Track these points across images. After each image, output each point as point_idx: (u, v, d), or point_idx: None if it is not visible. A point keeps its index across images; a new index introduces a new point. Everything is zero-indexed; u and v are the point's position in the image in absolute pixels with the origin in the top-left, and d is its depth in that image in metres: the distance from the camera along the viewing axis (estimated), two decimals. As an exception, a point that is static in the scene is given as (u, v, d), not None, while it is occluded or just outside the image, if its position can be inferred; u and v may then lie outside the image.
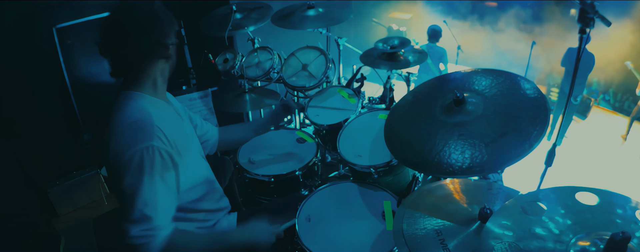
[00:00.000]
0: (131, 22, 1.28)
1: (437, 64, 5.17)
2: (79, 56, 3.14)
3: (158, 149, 1.24)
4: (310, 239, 1.61)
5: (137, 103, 1.32)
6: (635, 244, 0.93)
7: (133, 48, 1.29)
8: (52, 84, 3.10)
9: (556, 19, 6.44)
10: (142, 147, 1.21)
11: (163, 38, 1.33)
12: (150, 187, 1.21)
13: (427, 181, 1.95)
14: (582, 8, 1.34)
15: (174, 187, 1.32)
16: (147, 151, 1.21)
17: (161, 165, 1.24)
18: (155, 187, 1.22)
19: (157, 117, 1.31)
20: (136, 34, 1.29)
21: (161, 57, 1.36)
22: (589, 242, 0.97)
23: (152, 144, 1.23)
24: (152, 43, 1.31)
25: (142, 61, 1.33)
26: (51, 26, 2.94)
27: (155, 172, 1.23)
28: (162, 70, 1.40)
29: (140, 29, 1.29)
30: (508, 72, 1.58)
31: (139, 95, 1.34)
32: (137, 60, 1.32)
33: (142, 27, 1.29)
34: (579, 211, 1.06)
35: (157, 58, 1.35)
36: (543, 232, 1.02)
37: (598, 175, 4.70)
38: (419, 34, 6.54)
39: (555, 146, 1.56)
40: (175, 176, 1.33)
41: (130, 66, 1.34)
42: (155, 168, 1.23)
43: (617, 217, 1.03)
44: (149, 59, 1.34)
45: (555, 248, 0.97)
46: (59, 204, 3.19)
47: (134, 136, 1.23)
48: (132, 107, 1.31)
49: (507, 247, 1.00)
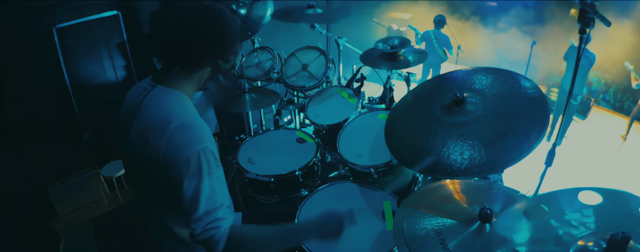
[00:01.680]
0: (228, 25, 1.31)
1: (442, 47, 6.05)
2: (79, 56, 3.14)
3: (210, 150, 1.27)
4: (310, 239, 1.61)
5: (181, 103, 1.32)
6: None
7: (211, 47, 1.30)
8: (52, 84, 3.10)
9: (556, 19, 6.44)
10: (199, 149, 1.23)
11: (231, 54, 1.37)
12: (209, 185, 1.26)
13: (427, 180, 1.95)
14: (582, 8, 1.34)
15: (224, 179, 1.35)
16: (204, 152, 1.24)
17: (214, 164, 1.28)
18: (213, 184, 1.27)
19: (200, 119, 1.33)
20: (224, 37, 1.31)
21: (213, 68, 1.38)
22: (590, 242, 0.97)
23: (206, 146, 1.25)
24: (224, 53, 1.34)
25: (202, 61, 1.34)
26: (51, 26, 2.94)
27: (211, 171, 1.26)
28: (202, 78, 1.41)
29: (229, 36, 1.32)
30: (509, 71, 1.58)
31: (180, 95, 1.34)
32: (202, 58, 1.33)
33: (232, 35, 1.33)
34: (581, 210, 1.06)
35: (211, 66, 1.37)
36: (544, 232, 1.02)
37: (598, 175, 4.70)
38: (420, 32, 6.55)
39: (555, 146, 1.56)
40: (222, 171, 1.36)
41: (190, 60, 1.33)
42: (211, 167, 1.26)
43: (620, 218, 1.03)
44: (208, 64, 1.35)
45: (555, 247, 0.97)
46: (59, 204, 3.19)
47: (189, 138, 1.25)
48: (178, 107, 1.31)
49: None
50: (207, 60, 1.34)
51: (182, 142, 1.24)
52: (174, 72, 1.35)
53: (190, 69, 1.35)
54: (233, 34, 1.34)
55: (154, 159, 1.27)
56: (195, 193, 1.25)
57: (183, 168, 1.23)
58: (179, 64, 1.34)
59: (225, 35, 1.32)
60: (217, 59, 1.34)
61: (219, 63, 1.36)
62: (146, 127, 1.29)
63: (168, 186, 1.29)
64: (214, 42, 1.30)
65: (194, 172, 1.24)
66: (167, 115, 1.28)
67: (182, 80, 1.36)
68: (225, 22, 1.32)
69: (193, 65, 1.35)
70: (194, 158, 1.23)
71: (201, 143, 1.25)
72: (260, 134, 2.39)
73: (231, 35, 1.33)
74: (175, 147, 1.24)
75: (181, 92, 1.35)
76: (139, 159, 1.34)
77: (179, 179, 1.24)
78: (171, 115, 1.28)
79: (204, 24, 1.28)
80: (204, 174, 1.24)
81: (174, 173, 1.25)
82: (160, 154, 1.25)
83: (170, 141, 1.24)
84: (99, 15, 3.14)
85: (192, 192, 1.25)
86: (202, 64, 1.35)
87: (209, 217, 1.26)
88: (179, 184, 1.25)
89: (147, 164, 1.30)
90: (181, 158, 1.23)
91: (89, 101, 3.22)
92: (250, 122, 3.05)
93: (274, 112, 2.56)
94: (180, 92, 1.35)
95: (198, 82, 1.41)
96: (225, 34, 1.31)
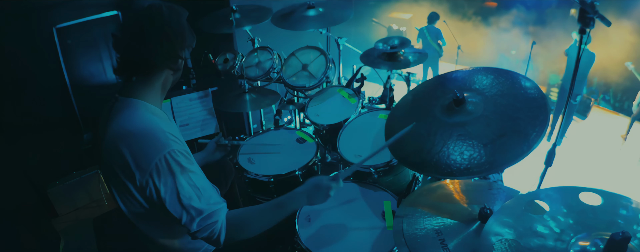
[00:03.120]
0: (164, 22, 1.28)
1: (435, 40, 6.42)
2: (79, 56, 3.14)
3: (177, 151, 1.26)
4: (310, 239, 1.61)
5: (141, 112, 1.31)
6: (636, 244, 0.93)
7: (154, 48, 1.28)
8: (52, 84, 3.10)
9: (556, 19, 6.44)
10: (165, 153, 1.23)
11: (181, 49, 1.34)
12: (187, 182, 1.26)
13: (427, 180, 1.95)
14: (582, 8, 1.34)
15: (201, 171, 1.36)
16: (171, 154, 1.24)
17: (186, 161, 1.28)
18: (191, 179, 1.27)
19: (162, 123, 1.32)
20: (164, 35, 1.28)
21: (171, 68, 1.36)
22: (589, 242, 0.97)
23: (172, 149, 1.25)
24: (172, 50, 1.31)
25: (154, 65, 1.32)
26: (51, 26, 2.94)
27: (185, 169, 1.27)
28: (166, 81, 1.40)
29: (169, 33, 1.29)
30: (509, 71, 1.58)
31: (141, 104, 1.33)
32: (151, 62, 1.30)
33: (172, 31, 1.29)
34: (581, 210, 1.06)
35: (167, 67, 1.35)
36: (544, 231, 1.02)
37: (598, 175, 4.70)
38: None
39: (555, 146, 1.56)
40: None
41: (140, 67, 1.32)
42: (183, 165, 1.26)
43: (620, 218, 1.03)
44: (161, 66, 1.33)
45: (555, 247, 0.97)
46: (59, 204, 3.19)
47: (152, 145, 1.24)
48: (137, 116, 1.30)
49: (507, 247, 1.00)
50: (159, 64, 1.32)
51: (146, 150, 1.24)
52: (134, 83, 1.35)
53: (147, 77, 1.34)
54: (175, 31, 1.30)
55: (121, 174, 1.27)
56: (173, 195, 1.24)
57: (154, 175, 1.23)
58: (134, 74, 1.34)
59: (165, 35, 1.28)
60: (170, 53, 1.31)
61: (174, 58, 1.34)
62: (113, 141, 1.28)
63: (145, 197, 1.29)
64: (155, 45, 1.28)
65: (165, 176, 1.23)
66: (128, 126, 1.28)
67: (144, 89, 1.35)
68: (171, 13, 1.29)
69: (146, 72, 1.33)
70: (162, 163, 1.22)
71: (166, 147, 1.24)
72: (260, 134, 2.39)
73: (172, 33, 1.30)
74: (142, 157, 1.23)
75: (142, 101, 1.34)
76: (110, 176, 1.33)
77: (154, 187, 1.24)
78: (132, 126, 1.28)
79: (149, 17, 1.27)
80: (176, 174, 1.24)
81: (145, 185, 1.25)
82: (130, 165, 1.24)
83: (133, 154, 1.24)
84: (99, 15, 3.14)
85: (170, 196, 1.24)
86: (156, 69, 1.33)
87: (199, 214, 1.26)
88: (156, 192, 1.25)
89: (117, 181, 1.30)
90: (150, 166, 1.22)
91: (89, 101, 3.22)
92: (250, 122, 3.05)
93: (274, 112, 2.56)
94: (142, 100, 1.34)
95: (163, 87, 1.40)
96: (166, 33, 1.28)
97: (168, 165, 1.23)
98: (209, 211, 1.28)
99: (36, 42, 2.91)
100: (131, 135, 1.26)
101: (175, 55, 1.33)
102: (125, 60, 1.32)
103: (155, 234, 1.46)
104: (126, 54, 1.31)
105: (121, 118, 1.30)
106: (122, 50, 1.31)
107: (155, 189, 1.24)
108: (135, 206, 1.34)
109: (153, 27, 1.27)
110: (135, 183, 1.26)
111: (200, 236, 1.30)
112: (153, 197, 1.26)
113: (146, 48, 1.27)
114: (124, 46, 1.30)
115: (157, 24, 1.27)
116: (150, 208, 1.33)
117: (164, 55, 1.30)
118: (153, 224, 1.43)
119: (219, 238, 1.31)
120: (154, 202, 1.27)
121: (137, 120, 1.29)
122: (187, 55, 1.39)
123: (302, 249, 1.58)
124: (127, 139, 1.25)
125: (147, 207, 1.33)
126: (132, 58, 1.30)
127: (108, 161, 1.30)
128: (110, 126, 1.31)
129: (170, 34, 1.29)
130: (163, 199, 1.24)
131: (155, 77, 1.35)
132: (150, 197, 1.27)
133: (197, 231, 1.28)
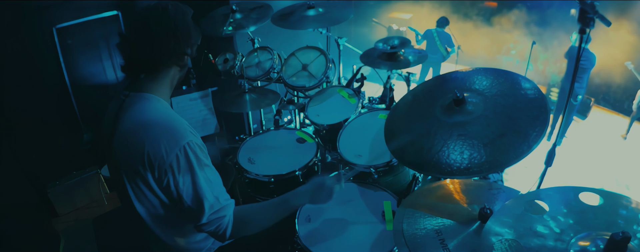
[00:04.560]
0: (170, 20, 1.30)
1: (444, 45, 6.30)
2: (79, 56, 3.14)
3: (195, 143, 1.28)
4: (310, 239, 1.61)
5: (155, 105, 1.33)
6: (636, 244, 0.93)
7: (162, 46, 1.30)
8: (52, 84, 3.10)
9: (557, 19, 6.44)
10: (183, 145, 1.24)
11: (187, 47, 1.37)
12: (204, 177, 1.28)
13: (427, 180, 1.94)
14: (582, 8, 1.34)
15: (214, 167, 1.37)
16: (189, 145, 1.25)
17: (202, 155, 1.30)
18: (206, 175, 1.29)
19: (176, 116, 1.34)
20: (171, 33, 1.30)
21: (178, 65, 1.39)
22: (590, 242, 0.97)
23: (190, 140, 1.26)
24: (178, 47, 1.33)
25: (162, 62, 1.34)
26: (51, 26, 2.94)
27: (201, 163, 1.28)
28: (173, 78, 1.42)
29: (176, 31, 1.31)
30: (509, 72, 1.57)
31: (154, 97, 1.35)
32: (159, 59, 1.33)
33: (179, 29, 1.32)
34: (581, 210, 1.06)
35: (174, 63, 1.37)
36: (544, 231, 1.02)
37: (598, 175, 4.70)
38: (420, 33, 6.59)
39: (555, 146, 1.56)
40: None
41: (148, 64, 1.34)
42: (200, 159, 1.28)
43: (620, 218, 1.02)
44: (168, 63, 1.36)
45: (555, 247, 0.97)
46: (59, 204, 3.19)
47: (171, 136, 1.25)
48: (152, 109, 1.32)
49: (507, 247, 1.00)
50: (166, 61, 1.34)
51: (166, 141, 1.24)
52: (143, 80, 1.37)
53: (154, 73, 1.36)
54: (181, 29, 1.33)
55: (139, 166, 1.27)
56: (194, 190, 1.26)
57: (174, 165, 1.24)
58: (142, 71, 1.36)
59: (172, 33, 1.31)
60: (177, 50, 1.34)
61: (180, 56, 1.36)
62: (126, 136, 1.30)
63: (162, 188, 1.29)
64: (163, 43, 1.30)
65: (185, 169, 1.25)
66: (145, 118, 1.29)
67: (154, 85, 1.37)
68: (177, 12, 1.32)
69: (155, 69, 1.35)
70: (181, 155, 1.24)
71: (183, 138, 1.25)
72: (260, 134, 2.39)
73: (179, 31, 1.32)
74: (159, 149, 1.24)
75: (154, 95, 1.35)
76: (125, 170, 1.33)
77: (173, 178, 1.25)
78: (149, 117, 1.29)
79: (155, 17, 1.29)
80: (195, 168, 1.26)
81: (164, 176, 1.25)
82: (144, 159, 1.25)
83: (152, 144, 1.24)
84: (99, 15, 3.14)
85: (190, 189, 1.26)
86: (163, 65, 1.36)
87: (210, 208, 1.28)
88: (174, 183, 1.25)
89: (134, 174, 1.30)
90: (170, 157, 1.23)
91: (89, 101, 3.22)
92: (250, 122, 3.05)
93: (274, 112, 2.56)
94: (153, 94, 1.35)
95: (171, 82, 1.42)
96: (173, 31, 1.31)
97: (187, 156, 1.25)
98: (219, 205, 1.30)
99: (36, 42, 2.91)
100: (149, 126, 1.27)
101: (182, 52, 1.36)
102: (133, 58, 1.34)
103: (163, 233, 1.45)
104: (134, 51, 1.33)
105: (135, 111, 1.32)
106: (130, 49, 1.33)
107: (174, 180, 1.25)
108: (149, 201, 1.34)
109: (160, 25, 1.29)
110: (154, 174, 1.27)
111: (207, 229, 1.31)
112: (170, 188, 1.27)
113: (154, 45, 1.30)
114: (132, 44, 1.32)
115: (164, 22, 1.30)
116: (164, 201, 1.34)
117: (171, 52, 1.33)
118: (163, 223, 1.43)
119: (224, 233, 1.32)
120: (170, 192, 1.28)
121: (154, 111, 1.31)
122: (193, 52, 1.42)
123: (302, 249, 1.58)
124: (145, 130, 1.27)
125: (162, 199, 1.34)
126: (140, 55, 1.32)
127: (122, 155, 1.31)
128: (122, 120, 1.32)
129: (176, 32, 1.31)
130: (180, 190, 1.26)
131: (163, 73, 1.37)
132: (167, 188, 1.28)
133: (205, 224, 1.29)
